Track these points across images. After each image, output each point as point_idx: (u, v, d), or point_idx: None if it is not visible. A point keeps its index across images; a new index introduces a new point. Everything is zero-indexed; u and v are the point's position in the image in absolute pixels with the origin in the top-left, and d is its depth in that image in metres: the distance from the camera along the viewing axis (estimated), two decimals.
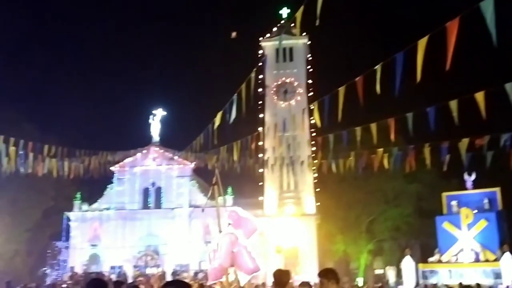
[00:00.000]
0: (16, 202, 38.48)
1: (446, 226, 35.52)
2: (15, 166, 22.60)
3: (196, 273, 33.34)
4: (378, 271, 44.59)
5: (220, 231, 11.37)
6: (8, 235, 39.82)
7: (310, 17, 8.51)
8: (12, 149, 20.16)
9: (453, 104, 10.57)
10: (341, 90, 10.84)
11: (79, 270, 37.54)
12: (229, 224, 9.69)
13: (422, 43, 7.85)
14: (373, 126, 13.85)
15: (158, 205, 41.54)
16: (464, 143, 13.88)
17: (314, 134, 35.79)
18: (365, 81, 9.90)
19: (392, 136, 13.33)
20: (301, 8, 8.58)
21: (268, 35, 43.80)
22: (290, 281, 6.32)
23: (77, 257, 40.81)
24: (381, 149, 17.94)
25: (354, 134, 14.87)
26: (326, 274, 5.89)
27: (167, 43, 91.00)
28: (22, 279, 31.04)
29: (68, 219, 42.04)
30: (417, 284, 30.00)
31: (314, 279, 31.64)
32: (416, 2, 75.20)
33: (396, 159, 18.07)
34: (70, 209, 42.01)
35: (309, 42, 44.26)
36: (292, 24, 40.02)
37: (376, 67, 9.48)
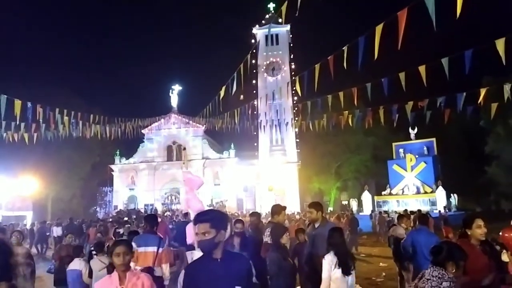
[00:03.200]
0: (71, 159, 38.51)
1: (395, 168, 36.01)
2: (69, 131, 22.50)
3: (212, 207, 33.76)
4: (344, 202, 45.48)
5: (184, 180, 11.68)
6: (66, 183, 40.08)
7: (292, 9, 8.37)
8: (66, 118, 19.95)
9: (402, 76, 10.51)
10: (317, 66, 10.71)
11: (121, 207, 37.99)
12: (183, 181, 9.89)
13: (378, 29, 7.73)
14: (341, 94, 13.79)
15: (179, 158, 41.70)
16: (409, 105, 13.86)
17: (295, 101, 35.76)
18: (335, 59, 9.78)
19: (355, 101, 13.31)
20: (285, 3, 8.42)
21: (262, 22, 42.92)
22: (282, 212, 6.27)
23: (119, 198, 41.26)
24: (346, 111, 17.94)
25: (327, 100, 14.75)
26: (315, 205, 5.59)
27: (183, 35, 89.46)
28: (79, 216, 31.39)
29: (111, 170, 42.27)
30: (373, 211, 30.76)
31: (297, 209, 32.04)
32: None
33: (358, 118, 18.07)
34: (112, 162, 42.30)
35: (291, 29, 43.45)
36: (278, 16, 39.14)
37: (344, 48, 9.36)
